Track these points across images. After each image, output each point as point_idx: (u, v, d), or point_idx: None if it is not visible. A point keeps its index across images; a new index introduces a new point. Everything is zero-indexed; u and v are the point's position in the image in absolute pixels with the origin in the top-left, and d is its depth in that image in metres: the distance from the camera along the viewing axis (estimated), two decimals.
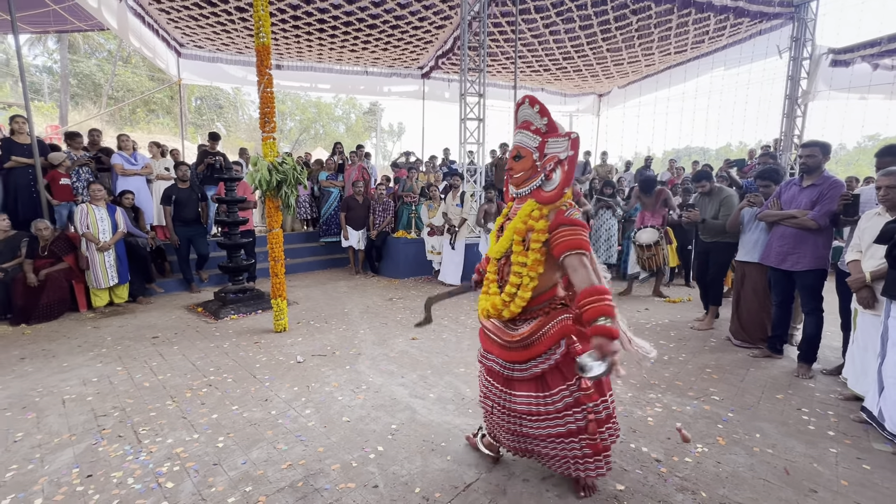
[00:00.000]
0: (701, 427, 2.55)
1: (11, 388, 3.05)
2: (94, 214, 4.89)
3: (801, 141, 8.54)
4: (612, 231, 6.50)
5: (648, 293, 5.89)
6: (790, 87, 8.54)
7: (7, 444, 2.37)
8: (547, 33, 8.82)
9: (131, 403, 2.82)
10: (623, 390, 3.02)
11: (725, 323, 4.33)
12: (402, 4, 7.53)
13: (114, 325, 4.47)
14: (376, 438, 2.41)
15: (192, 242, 5.82)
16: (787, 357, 3.62)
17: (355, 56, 10.10)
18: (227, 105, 27.44)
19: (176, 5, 7.34)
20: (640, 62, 10.56)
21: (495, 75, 11.35)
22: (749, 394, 2.99)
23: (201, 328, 4.40)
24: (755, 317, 3.83)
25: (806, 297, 3.29)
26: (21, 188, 5.11)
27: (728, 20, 8.21)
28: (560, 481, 2.05)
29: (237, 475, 2.10)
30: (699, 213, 4.30)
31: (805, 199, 3.22)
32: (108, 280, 4.93)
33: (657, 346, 3.90)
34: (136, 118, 22.11)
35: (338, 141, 9.14)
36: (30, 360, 3.56)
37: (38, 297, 4.53)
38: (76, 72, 20.29)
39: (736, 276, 4.06)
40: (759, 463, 2.21)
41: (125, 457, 2.25)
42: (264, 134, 4.03)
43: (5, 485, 2.04)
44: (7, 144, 5.05)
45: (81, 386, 3.08)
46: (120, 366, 3.43)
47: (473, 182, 7.24)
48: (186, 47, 9.54)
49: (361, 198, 7.06)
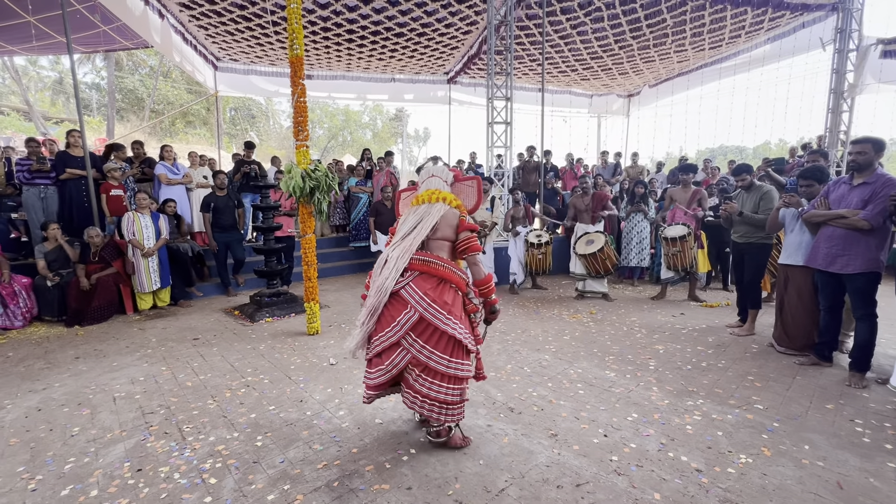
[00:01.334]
0: (744, 437, 2.44)
1: (68, 385, 3.25)
2: (140, 222, 5.16)
3: (848, 137, 8.10)
4: (644, 234, 6.35)
5: (684, 297, 5.71)
6: (835, 81, 8.12)
7: (65, 438, 2.52)
8: (574, 34, 8.73)
9: (175, 402, 2.95)
10: (659, 397, 2.93)
11: (766, 328, 4.14)
12: (429, 12, 7.63)
13: (158, 327, 4.70)
14: (409, 441, 2.43)
15: (229, 247, 6.05)
16: (837, 365, 3.43)
17: (383, 64, 10.29)
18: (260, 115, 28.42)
19: (214, 21, 7.69)
20: (672, 59, 10.29)
21: (521, 78, 11.30)
22: (796, 403, 2.85)
23: (238, 330, 4.56)
24: (800, 322, 3.64)
25: (858, 302, 3.11)
26: (75, 198, 5.46)
27: (767, 14, 7.90)
28: (595, 487, 2.01)
29: (275, 473, 2.16)
30: (737, 206, 4.15)
31: (856, 199, 3.05)
32: (152, 284, 5.19)
33: (694, 351, 3.78)
34: (176, 129, 23.20)
35: (366, 147, 9.31)
36: (83, 359, 3.79)
37: (90, 301, 4.81)
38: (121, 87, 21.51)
39: (779, 279, 3.88)
40: (808, 476, 2.10)
41: (171, 453, 2.36)
42: (297, 142, 4.16)
43: (64, 476, 2.17)
44: (63, 157, 5.41)
45: (130, 384, 3.25)
46: (164, 366, 3.60)
47: (501, 185, 7.23)
48: (223, 61, 9.96)
49: (390, 203, 7.16)
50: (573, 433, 2.49)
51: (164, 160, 6.45)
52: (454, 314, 2.11)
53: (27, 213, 5.48)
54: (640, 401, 2.89)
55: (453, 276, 2.17)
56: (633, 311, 5.18)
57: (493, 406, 2.84)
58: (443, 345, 2.11)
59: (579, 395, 2.98)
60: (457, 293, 2.19)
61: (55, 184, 5.47)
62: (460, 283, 2.19)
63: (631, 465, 2.18)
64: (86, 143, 5.48)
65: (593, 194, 6.05)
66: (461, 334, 2.11)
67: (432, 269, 2.15)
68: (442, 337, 2.11)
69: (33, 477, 2.17)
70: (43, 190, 5.42)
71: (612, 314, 5.04)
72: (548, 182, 8.37)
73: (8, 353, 3.93)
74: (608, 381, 3.21)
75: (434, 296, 2.10)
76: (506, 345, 4.03)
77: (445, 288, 2.15)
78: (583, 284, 5.80)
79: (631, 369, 3.43)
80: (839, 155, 8.02)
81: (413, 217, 2.26)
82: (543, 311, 5.21)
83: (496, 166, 7.27)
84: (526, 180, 8.53)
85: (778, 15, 7.99)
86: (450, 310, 2.11)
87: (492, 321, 2.35)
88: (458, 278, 2.19)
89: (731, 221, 4.28)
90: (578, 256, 5.64)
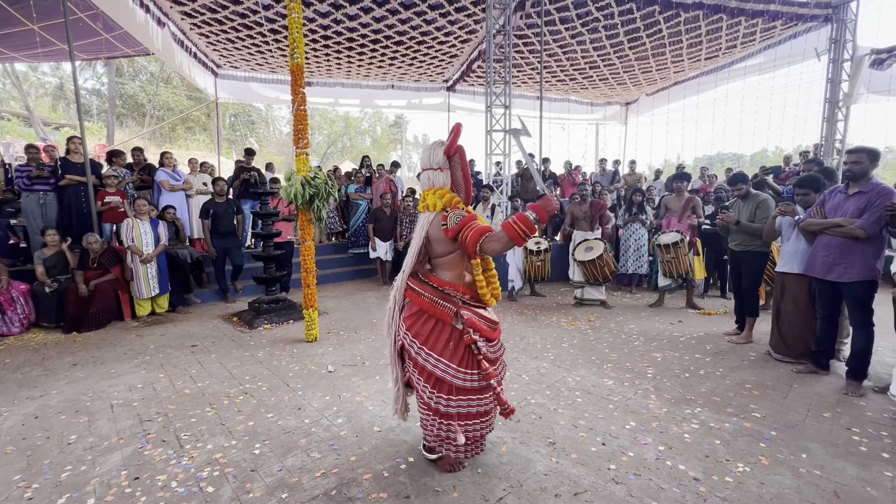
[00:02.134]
0: (742, 445, 2.45)
1: (65, 392, 3.24)
2: (139, 228, 5.17)
3: (844, 146, 8.17)
4: (642, 241, 6.38)
5: (682, 305, 5.72)
6: (830, 91, 8.21)
7: (62, 446, 2.51)
8: (574, 44, 8.83)
9: (173, 409, 2.94)
10: (657, 405, 2.94)
11: (764, 336, 4.15)
12: (428, 21, 7.71)
13: (156, 334, 4.69)
14: (407, 449, 2.43)
15: (227, 254, 6.06)
16: (835, 373, 3.44)
17: (382, 72, 10.37)
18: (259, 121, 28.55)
19: (215, 29, 7.76)
20: (669, 69, 10.40)
21: (520, 86, 11.39)
22: (793, 411, 2.85)
23: (237, 337, 4.55)
24: (797, 330, 3.66)
25: (855, 310, 3.13)
26: (74, 204, 5.47)
27: (758, 25, 8.01)
28: (593, 496, 2.01)
29: (273, 482, 2.16)
30: (734, 215, 4.18)
31: (852, 207, 3.08)
32: (150, 290, 5.18)
33: (692, 359, 3.79)
34: (176, 135, 23.28)
35: (365, 154, 9.36)
36: (81, 366, 3.78)
37: (88, 307, 4.80)
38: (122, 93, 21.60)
39: (776, 287, 3.90)
40: (806, 485, 2.10)
41: (168, 461, 2.35)
42: (297, 150, 4.19)
43: (61, 484, 2.16)
44: (63, 164, 5.43)
45: (127, 392, 3.24)
46: (162, 373, 3.59)
47: (500, 193, 7.26)
48: (223, 68, 10.03)
49: (389, 210, 7.19)
50: (571, 441, 2.49)
51: (164, 167, 6.47)
52: (435, 348, 2.01)
53: (26, 220, 5.48)
54: (638, 409, 2.89)
55: (433, 307, 2.02)
56: (631, 318, 5.19)
57: None
58: (425, 376, 2.06)
59: (577, 403, 2.98)
60: (442, 325, 2.03)
61: (54, 190, 5.48)
62: (443, 315, 2.01)
63: (629, 474, 2.19)
64: (86, 150, 5.50)
65: (591, 202, 6.09)
66: (441, 370, 2.00)
67: (415, 298, 2.07)
68: (423, 369, 2.05)
69: (30, 485, 2.16)
70: (42, 196, 5.43)
71: (611, 322, 5.05)
72: None
73: (5, 360, 3.92)
74: (606, 389, 3.21)
75: (410, 325, 2.07)
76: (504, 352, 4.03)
77: (425, 318, 2.05)
78: (581, 292, 5.81)
79: (629, 377, 3.44)
80: (835, 163, 8.08)
81: (415, 232, 2.13)
82: (542, 319, 5.22)
83: (494, 174, 7.30)
84: (525, 188, 8.57)
85: (771, 26, 8.10)
86: (424, 341, 2.03)
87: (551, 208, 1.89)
88: (440, 310, 2.01)
89: (727, 230, 4.31)
90: (577, 263, 5.66)
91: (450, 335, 2.02)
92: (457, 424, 2.06)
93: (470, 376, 2.02)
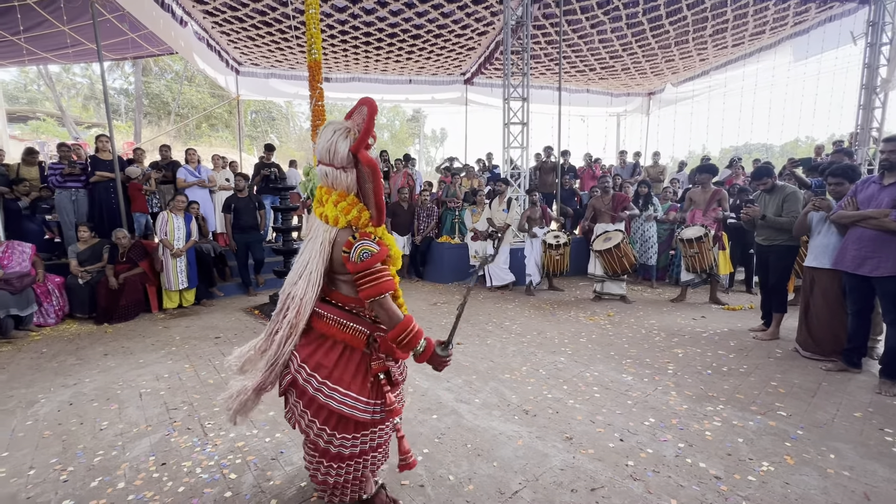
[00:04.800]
0: (766, 444, 2.38)
1: (97, 380, 3.38)
2: (174, 223, 5.34)
3: (881, 134, 7.78)
4: (650, 233, 6.37)
5: (705, 300, 5.58)
6: (867, 76, 7.82)
7: (95, 432, 2.63)
8: (594, 33, 8.63)
9: (198, 399, 3.04)
10: (678, 402, 2.88)
11: (791, 332, 4.02)
12: (445, 14, 7.65)
13: (181, 326, 4.84)
14: (423, 441, 2.45)
15: (249, 248, 6.20)
16: (867, 372, 3.31)
17: (399, 66, 10.36)
18: (280, 117, 28.94)
19: (236, 27, 7.88)
20: (694, 57, 10.06)
21: (538, 77, 11.22)
22: (822, 410, 2.76)
23: (258, 329, 4.66)
24: (827, 327, 3.53)
25: (888, 306, 2.99)
26: (104, 200, 5.68)
27: (791, 8, 7.67)
28: (610, 492, 1.99)
29: (293, 470, 2.21)
30: (759, 209, 4.04)
31: (887, 198, 2.94)
32: (179, 283, 5.35)
33: (715, 356, 3.70)
34: (200, 132, 23.84)
35: (383, 150, 9.39)
36: (111, 356, 3.93)
37: (118, 299, 4.99)
38: (148, 92, 22.20)
39: (804, 282, 3.76)
40: (833, 486, 2.04)
41: (193, 448, 2.43)
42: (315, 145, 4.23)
43: (94, 468, 2.27)
44: (93, 161, 5.63)
45: (155, 381, 3.36)
46: (187, 363, 3.71)
47: (517, 186, 7.20)
48: (244, 66, 10.19)
49: (406, 204, 7.21)
50: (588, 437, 2.47)
51: (188, 163, 6.64)
52: (342, 381, 1.58)
53: (59, 215, 5.71)
54: (657, 405, 2.84)
55: (339, 332, 1.59)
56: (651, 313, 5.10)
57: (507, 408, 2.84)
58: (322, 417, 1.60)
59: (595, 399, 2.95)
60: (351, 351, 1.62)
61: (85, 186, 5.70)
62: (353, 340, 1.59)
63: (647, 471, 2.16)
64: (114, 148, 5.68)
65: (614, 195, 5.98)
66: (349, 407, 1.56)
67: (315, 321, 1.63)
68: (321, 408, 1.59)
69: (65, 468, 2.27)
70: (74, 193, 5.65)
71: (630, 316, 4.97)
72: (566, 182, 8.29)
73: (42, 350, 4.11)
74: (625, 385, 3.17)
75: (308, 355, 1.60)
76: (521, 346, 4.02)
77: (328, 345, 1.61)
78: (601, 286, 5.73)
79: (649, 373, 3.38)
80: (871, 153, 7.71)
81: (307, 245, 1.63)
82: (560, 313, 5.17)
83: (511, 167, 7.24)
84: (543, 181, 8.47)
85: (803, 10, 7.74)
86: (328, 374, 1.57)
87: (440, 368, 1.63)
88: (349, 334, 1.59)
89: (753, 224, 4.17)
90: (595, 254, 5.58)
91: (359, 363, 1.62)
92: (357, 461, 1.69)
93: (377, 408, 1.62)
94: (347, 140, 1.51)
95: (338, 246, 1.54)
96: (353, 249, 1.48)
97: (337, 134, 1.51)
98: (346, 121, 1.57)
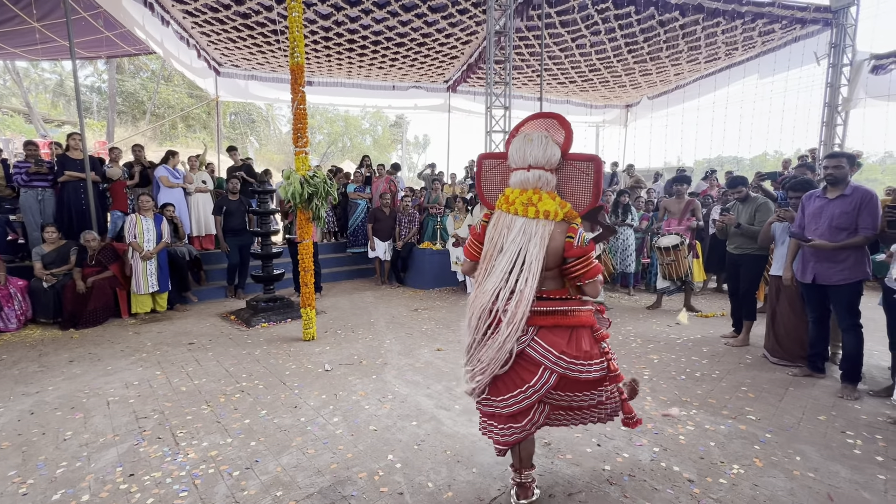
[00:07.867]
0: (736, 447, 2.45)
1: (61, 388, 3.24)
2: (142, 224, 5.17)
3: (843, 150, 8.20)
4: (629, 242, 6.47)
5: (680, 307, 5.73)
6: (829, 95, 8.24)
7: (58, 443, 2.51)
8: (574, 46, 8.85)
9: (169, 407, 2.94)
10: (653, 407, 2.95)
11: (761, 339, 4.16)
12: (429, 22, 7.73)
13: (153, 331, 4.68)
14: (402, 448, 2.43)
15: (241, 250, 6.09)
16: (830, 376, 3.45)
17: (383, 72, 10.38)
18: (260, 120, 28.54)
19: (217, 28, 7.76)
20: (669, 72, 10.43)
21: (521, 87, 11.41)
22: (788, 414, 2.86)
23: (234, 335, 4.55)
24: (793, 333, 3.67)
25: (842, 313, 3.15)
26: (73, 201, 5.47)
27: (757, 28, 8.03)
28: (588, 496, 2.02)
29: (268, 479, 2.16)
30: (735, 217, 4.20)
31: (838, 211, 3.09)
32: (148, 287, 5.17)
33: (689, 362, 3.80)
34: (176, 133, 23.27)
35: (365, 154, 9.36)
36: (77, 362, 3.78)
37: (85, 304, 4.80)
38: (122, 91, 21.60)
39: (770, 290, 3.91)
40: (799, 487, 2.11)
41: (164, 458, 2.35)
42: (297, 149, 4.19)
43: (56, 481, 2.16)
44: (62, 160, 5.43)
45: (124, 388, 3.24)
46: (159, 370, 3.59)
47: None
48: (224, 66, 10.03)
49: (388, 209, 7.19)
50: (566, 442, 2.50)
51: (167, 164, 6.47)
52: (594, 357, 1.77)
53: (24, 216, 5.47)
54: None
55: (585, 318, 1.80)
56: (628, 320, 5.20)
57: None
58: (588, 386, 1.81)
59: None
60: (591, 332, 1.82)
61: (53, 186, 5.48)
62: (593, 322, 1.83)
63: (623, 475, 2.19)
64: (86, 147, 5.50)
65: None
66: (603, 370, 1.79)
67: (560, 319, 1.77)
68: (586, 384, 1.79)
69: (25, 481, 2.16)
70: (40, 192, 5.43)
71: None
72: None
73: (2, 356, 3.91)
74: None
75: (571, 351, 1.73)
76: None
77: (580, 335, 1.78)
78: None
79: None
80: None
81: (511, 244, 1.76)
82: None
83: None
84: None
85: (769, 30, 8.12)
86: (589, 356, 1.75)
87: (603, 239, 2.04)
88: (589, 318, 1.81)
89: (726, 233, 4.32)
90: None
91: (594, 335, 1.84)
92: None
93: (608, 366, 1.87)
94: (557, 147, 1.79)
95: (557, 236, 1.74)
96: (577, 236, 1.73)
97: (552, 143, 1.78)
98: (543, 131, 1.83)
